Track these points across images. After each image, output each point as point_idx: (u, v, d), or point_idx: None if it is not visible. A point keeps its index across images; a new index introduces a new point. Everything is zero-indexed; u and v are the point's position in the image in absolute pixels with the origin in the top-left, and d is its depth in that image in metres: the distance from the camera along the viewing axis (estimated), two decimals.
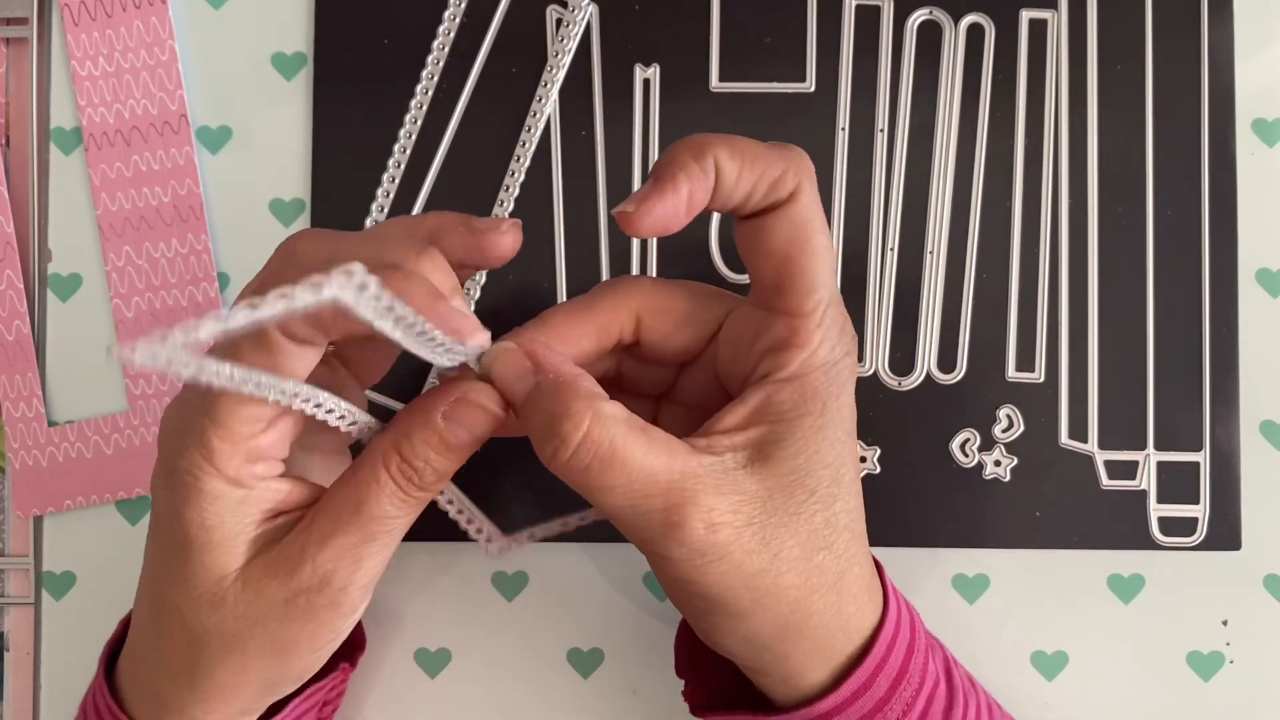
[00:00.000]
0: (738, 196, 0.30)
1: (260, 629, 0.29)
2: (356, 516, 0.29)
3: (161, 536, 0.30)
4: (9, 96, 0.43)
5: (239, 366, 0.25)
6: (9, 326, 0.42)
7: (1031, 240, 0.41)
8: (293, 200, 0.42)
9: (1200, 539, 0.41)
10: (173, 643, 0.30)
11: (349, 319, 0.25)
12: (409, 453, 0.29)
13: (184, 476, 0.28)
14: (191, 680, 0.30)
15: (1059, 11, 0.42)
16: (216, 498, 0.28)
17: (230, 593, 0.29)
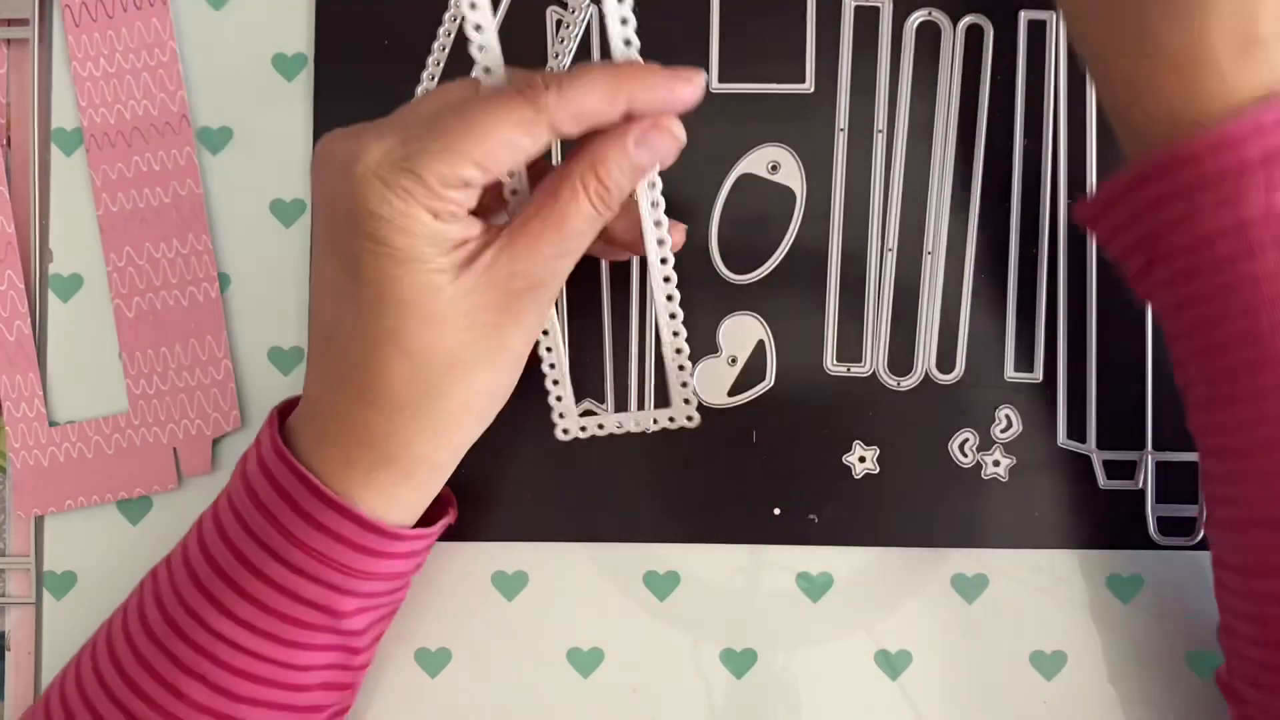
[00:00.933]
0: None
1: (481, 340, 0.33)
2: (558, 230, 0.32)
3: (364, 267, 0.31)
4: (10, 97, 0.43)
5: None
6: (10, 327, 0.42)
7: (1030, 240, 0.41)
8: (294, 200, 0.42)
9: (1199, 539, 0.41)
10: (390, 384, 0.32)
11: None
12: (604, 173, 0.32)
13: (391, 206, 0.31)
14: (419, 409, 0.33)
15: (1058, 12, 0.42)
16: (423, 227, 0.31)
17: (448, 309, 0.32)
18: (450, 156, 0.30)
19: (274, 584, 0.34)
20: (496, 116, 0.31)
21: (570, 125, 0.31)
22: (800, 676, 0.41)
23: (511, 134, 0.31)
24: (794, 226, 0.42)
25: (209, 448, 0.42)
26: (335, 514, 0.33)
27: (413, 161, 0.30)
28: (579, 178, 0.32)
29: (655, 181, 0.34)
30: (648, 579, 0.42)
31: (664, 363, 0.36)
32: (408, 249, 0.31)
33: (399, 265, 0.31)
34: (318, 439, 0.34)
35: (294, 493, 0.34)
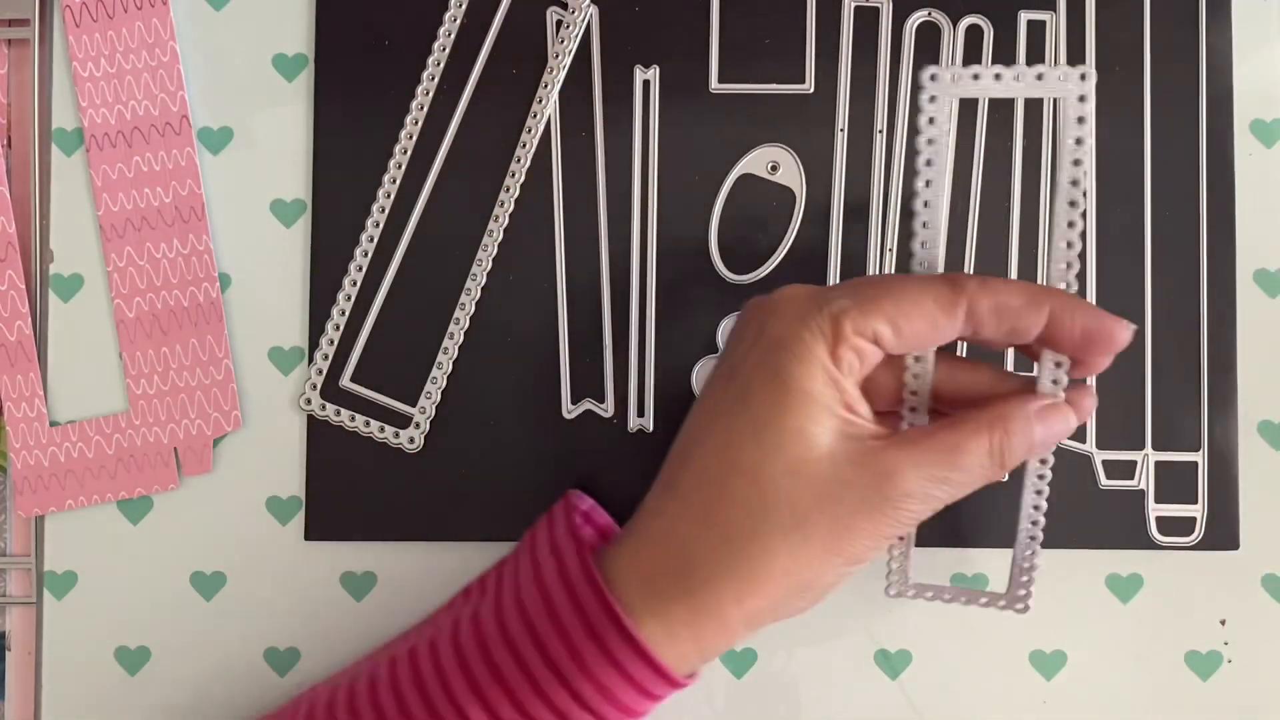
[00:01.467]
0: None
1: (830, 513, 0.31)
2: (949, 455, 0.32)
3: (752, 397, 0.32)
4: (11, 97, 0.43)
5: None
6: (10, 326, 0.42)
7: (1030, 241, 0.42)
8: (294, 201, 0.42)
9: (1198, 539, 0.41)
10: (734, 507, 0.32)
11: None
12: (1009, 428, 0.32)
13: (802, 339, 0.32)
14: (744, 550, 0.32)
15: (1057, 13, 0.42)
16: (821, 365, 0.32)
17: (814, 465, 0.31)
18: (866, 307, 0.32)
19: (553, 707, 0.33)
20: (918, 284, 0.32)
21: (988, 316, 0.32)
22: (800, 676, 0.41)
23: (928, 304, 0.32)
24: (794, 226, 0.42)
25: (209, 448, 0.42)
26: (636, 658, 0.32)
27: (832, 306, 0.32)
28: (985, 425, 0.32)
29: (1046, 458, 0.35)
30: None
31: (1014, 559, 0.37)
32: (802, 385, 0.31)
33: (788, 397, 0.31)
34: (633, 561, 0.33)
35: (597, 623, 0.32)
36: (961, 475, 0.32)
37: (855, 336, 0.32)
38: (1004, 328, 0.32)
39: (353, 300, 0.42)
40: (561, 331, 0.42)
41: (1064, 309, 0.32)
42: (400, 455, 0.41)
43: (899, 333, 0.32)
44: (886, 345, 0.32)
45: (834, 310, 0.32)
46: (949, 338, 0.32)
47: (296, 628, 0.41)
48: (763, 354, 0.32)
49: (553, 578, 0.34)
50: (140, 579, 0.42)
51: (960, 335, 0.33)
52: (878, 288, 0.32)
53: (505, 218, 0.42)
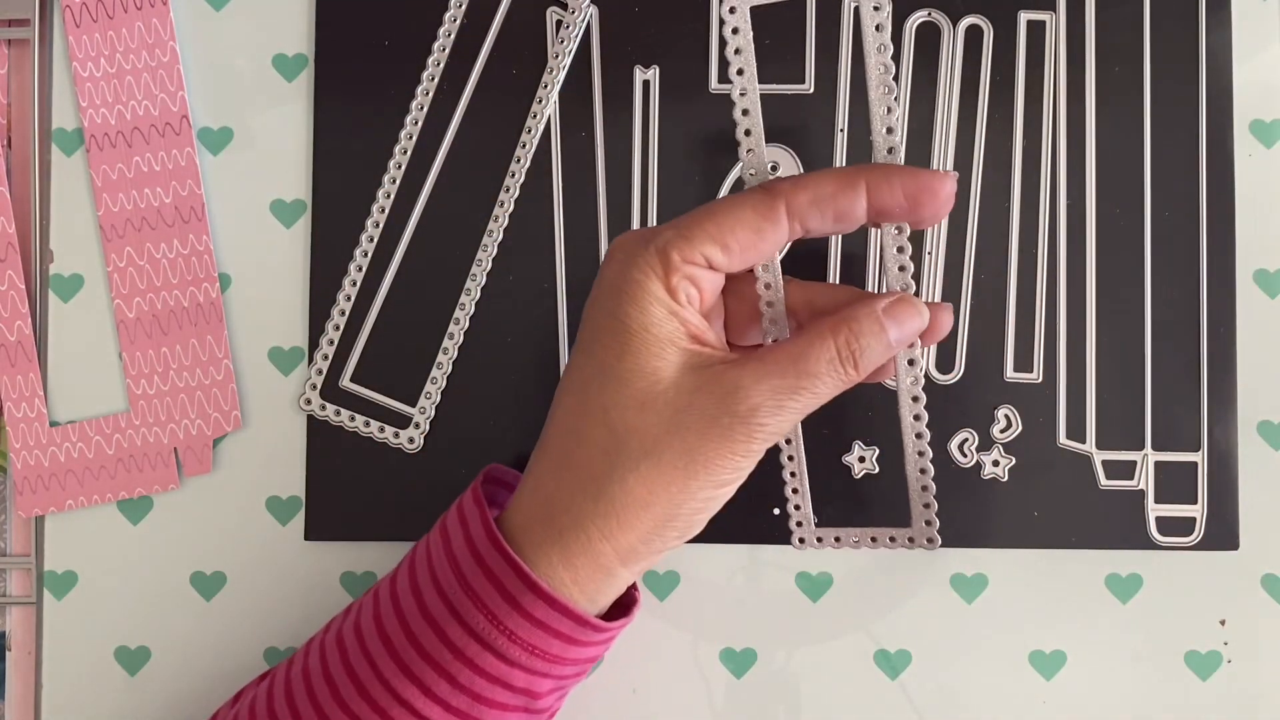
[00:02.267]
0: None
1: (679, 439, 0.32)
2: (794, 365, 0.32)
3: (596, 343, 0.33)
4: (11, 98, 0.43)
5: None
6: (11, 327, 0.42)
7: (1030, 241, 0.42)
8: (294, 201, 0.42)
9: (1198, 539, 0.41)
10: (588, 448, 0.32)
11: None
12: (855, 328, 0.33)
13: (632, 278, 0.32)
14: (600, 489, 0.32)
15: (1057, 13, 0.42)
16: (656, 300, 0.32)
17: (660, 397, 0.32)
18: (689, 233, 0.32)
19: (482, 671, 0.33)
20: (734, 201, 0.33)
21: (809, 210, 0.32)
22: (800, 676, 0.41)
23: (748, 215, 0.32)
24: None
25: (209, 448, 0.42)
26: (553, 610, 0.33)
27: (658, 240, 0.32)
28: (829, 327, 0.33)
29: (915, 358, 0.36)
30: (648, 579, 0.42)
31: (908, 484, 0.37)
32: (639, 323, 0.32)
33: (629, 337, 0.32)
34: (522, 515, 0.34)
35: (509, 585, 0.33)
36: (810, 382, 0.32)
37: (685, 265, 0.32)
38: (828, 217, 0.33)
39: (353, 300, 0.42)
40: (561, 332, 0.42)
41: (879, 180, 0.33)
42: (400, 455, 0.41)
43: (728, 250, 0.32)
44: (719, 265, 0.32)
45: (659, 244, 0.32)
46: (781, 242, 0.33)
47: (296, 628, 0.41)
48: (601, 300, 0.33)
49: (459, 543, 0.34)
50: (140, 579, 0.42)
51: (793, 236, 0.33)
52: (698, 213, 0.33)
53: (505, 218, 0.42)
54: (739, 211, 0.32)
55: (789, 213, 0.32)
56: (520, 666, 0.33)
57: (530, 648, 0.33)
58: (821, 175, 0.33)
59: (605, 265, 0.33)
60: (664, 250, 0.32)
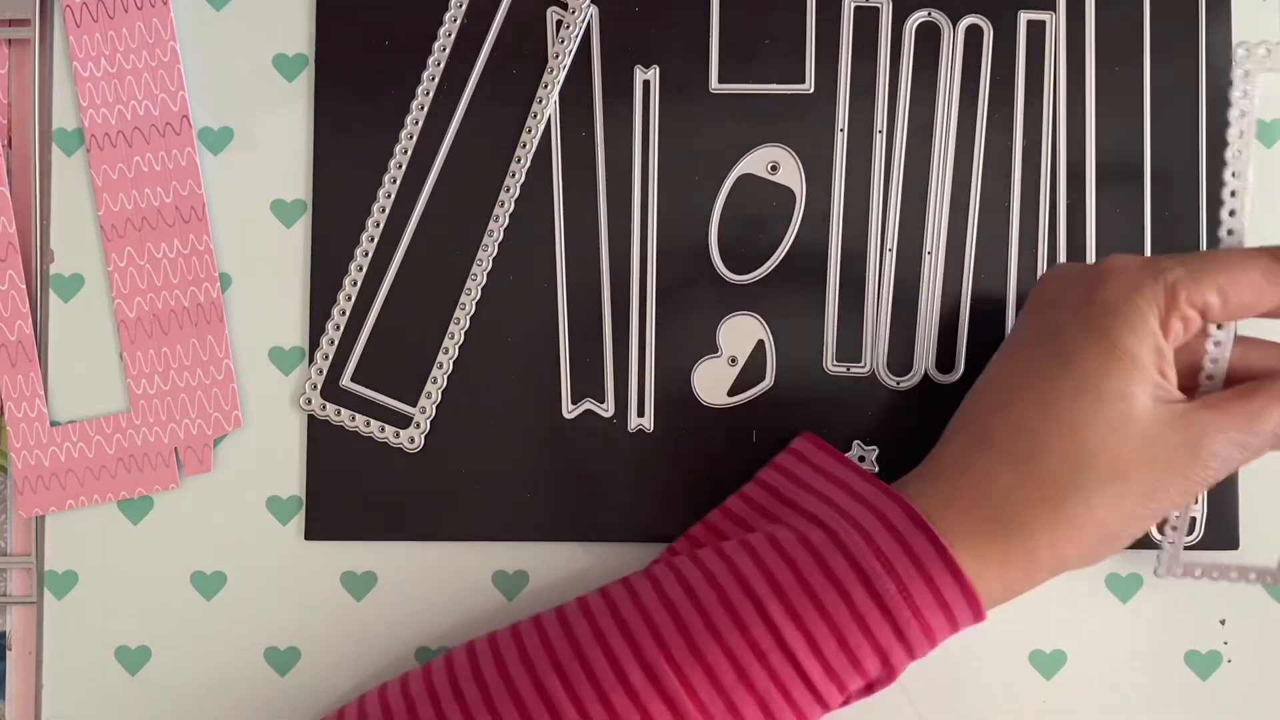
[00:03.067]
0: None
1: (1148, 469, 0.33)
2: (1251, 421, 0.33)
3: (1076, 355, 0.34)
4: (11, 97, 0.43)
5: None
6: (11, 326, 0.42)
7: (1030, 241, 0.42)
8: (294, 201, 0.42)
9: (1198, 538, 0.41)
10: (1053, 459, 0.33)
11: None
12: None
13: (1135, 305, 0.33)
14: (1062, 500, 0.33)
15: (1057, 13, 0.42)
16: (1151, 332, 0.33)
17: (1135, 424, 0.33)
18: (1199, 276, 0.33)
19: (873, 638, 0.33)
20: (1246, 257, 0.34)
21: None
22: None
23: (1255, 274, 0.33)
24: (794, 226, 0.42)
25: (209, 448, 0.42)
26: (964, 600, 0.33)
27: (1167, 275, 0.33)
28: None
29: None
30: None
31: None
32: (1133, 350, 0.33)
33: (1115, 361, 0.33)
34: (945, 500, 0.34)
35: (929, 564, 0.33)
36: (1258, 440, 0.34)
37: (1187, 306, 0.33)
38: None
39: (353, 300, 0.42)
40: (561, 332, 0.42)
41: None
42: (400, 455, 0.41)
43: (1226, 303, 0.33)
44: (1213, 315, 0.34)
45: (1170, 279, 0.33)
46: (1268, 308, 0.34)
47: (296, 628, 0.41)
48: (1091, 317, 0.34)
49: (867, 518, 0.34)
50: (140, 579, 0.42)
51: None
52: (1207, 259, 0.34)
53: (505, 218, 0.42)
54: (1248, 270, 0.33)
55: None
56: (906, 644, 0.33)
57: (927, 628, 0.33)
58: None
59: (1102, 283, 0.34)
60: (1173, 287, 0.33)
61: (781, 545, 0.35)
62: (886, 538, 0.34)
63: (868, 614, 0.33)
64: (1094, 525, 0.33)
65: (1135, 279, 0.34)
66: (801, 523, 0.36)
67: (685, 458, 0.41)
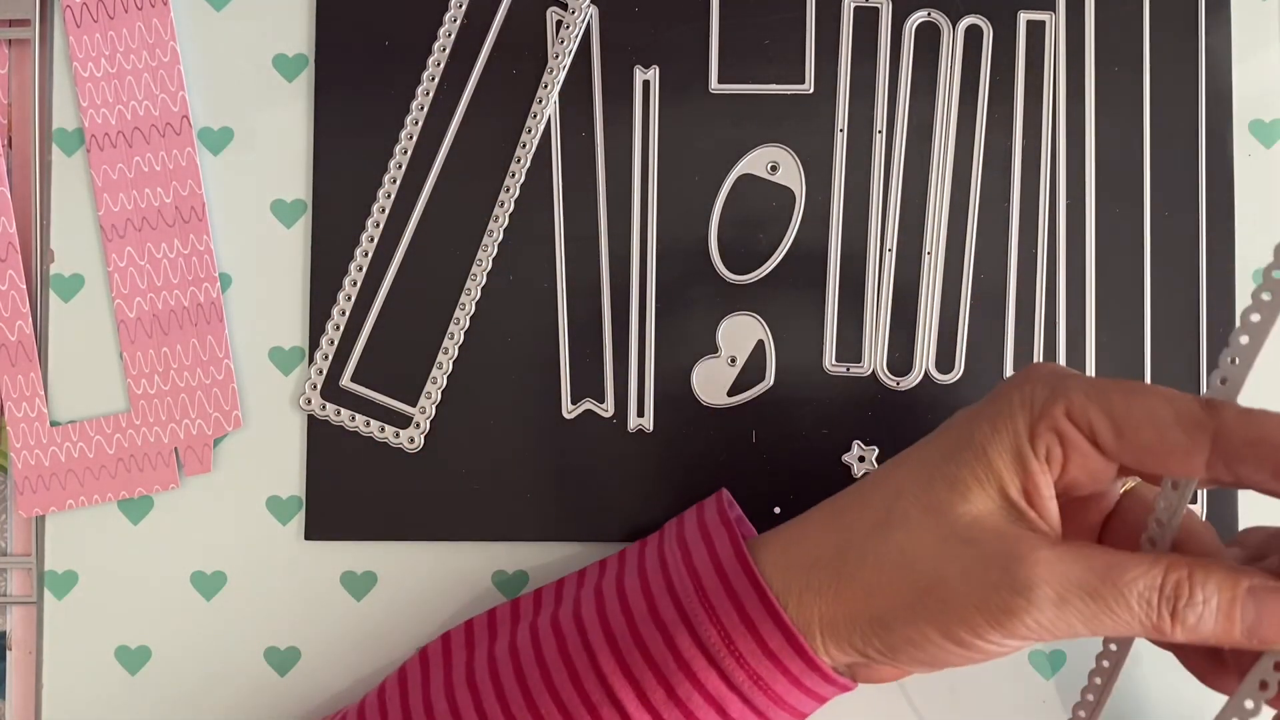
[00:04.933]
0: None
1: (943, 564, 0.29)
2: (1106, 571, 0.28)
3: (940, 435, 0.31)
4: (11, 98, 0.43)
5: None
6: (11, 326, 0.42)
7: (1029, 241, 0.42)
8: (294, 201, 0.42)
9: None
10: (862, 512, 0.31)
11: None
12: (1200, 578, 0.28)
13: (1007, 400, 0.30)
14: (862, 556, 0.31)
15: (1057, 13, 0.42)
16: (1013, 433, 0.29)
17: (956, 517, 0.29)
18: (1092, 394, 0.29)
19: (701, 688, 0.32)
20: (1166, 393, 0.29)
21: (1246, 450, 0.28)
22: None
23: (1165, 413, 0.28)
24: (794, 226, 0.42)
25: (210, 447, 0.42)
26: (788, 644, 0.32)
27: (1058, 384, 0.30)
28: (1173, 559, 0.28)
29: (1268, 682, 0.30)
30: None
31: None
32: (981, 441, 0.30)
33: (964, 448, 0.30)
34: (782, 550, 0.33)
35: (749, 607, 0.32)
36: (1108, 599, 0.28)
37: (1063, 419, 0.29)
38: (1267, 469, 0.27)
39: (353, 300, 0.42)
40: (561, 332, 0.42)
41: None
42: (400, 455, 0.41)
43: (1120, 435, 0.28)
44: (1103, 444, 0.29)
45: (1054, 386, 0.29)
46: (1187, 464, 0.28)
47: (296, 628, 0.41)
48: (975, 409, 0.31)
49: (701, 556, 0.33)
50: (140, 579, 0.42)
51: (1208, 471, 0.28)
52: (1116, 382, 0.29)
53: (505, 218, 0.42)
54: (1158, 407, 0.28)
55: (1216, 442, 0.28)
56: (740, 694, 0.32)
57: (755, 677, 0.32)
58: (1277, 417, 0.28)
59: (1004, 382, 0.31)
60: (1053, 394, 0.29)
61: (624, 592, 0.34)
62: (714, 581, 0.33)
63: (693, 661, 0.32)
64: (867, 585, 0.31)
65: (1024, 379, 0.30)
66: (653, 567, 0.35)
67: (685, 458, 0.41)
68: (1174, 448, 0.28)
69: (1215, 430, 0.28)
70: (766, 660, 0.32)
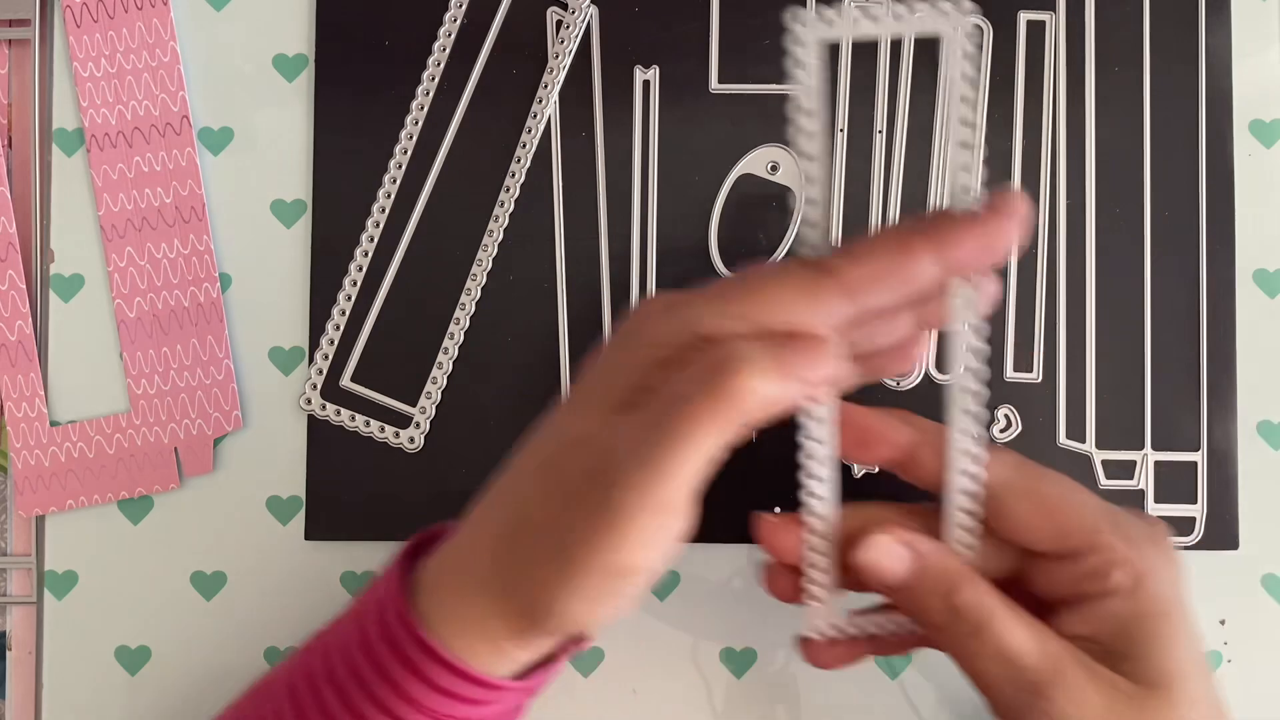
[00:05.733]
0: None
1: (565, 458, 0.30)
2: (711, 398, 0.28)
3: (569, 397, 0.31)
4: (11, 98, 0.43)
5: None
6: (11, 326, 0.42)
7: (1029, 241, 0.42)
8: (294, 201, 0.42)
9: (1198, 538, 0.41)
10: (517, 492, 0.31)
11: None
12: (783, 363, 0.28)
13: (621, 334, 0.30)
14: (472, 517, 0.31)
15: (1057, 13, 0.42)
16: (619, 365, 0.30)
17: (566, 429, 0.30)
18: (718, 304, 0.29)
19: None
20: (775, 275, 0.29)
21: (863, 282, 0.28)
22: (800, 676, 0.41)
23: (788, 293, 0.28)
24: (794, 226, 0.42)
25: (210, 447, 0.42)
26: (446, 671, 0.31)
27: (687, 299, 0.29)
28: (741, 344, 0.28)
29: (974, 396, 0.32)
30: None
31: (946, 517, 0.33)
32: (592, 373, 0.30)
33: (576, 389, 0.31)
34: (454, 591, 0.32)
35: (409, 649, 0.31)
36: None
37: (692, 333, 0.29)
38: (889, 289, 0.29)
39: (353, 300, 0.42)
40: (561, 331, 0.42)
41: (942, 233, 0.28)
42: (400, 455, 0.41)
43: (753, 324, 0.29)
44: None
45: (688, 302, 0.29)
46: (830, 322, 0.29)
47: (296, 628, 0.41)
48: (599, 352, 0.31)
49: (369, 613, 0.32)
50: (140, 579, 0.42)
51: (850, 319, 0.29)
52: (732, 285, 0.29)
53: (505, 218, 0.42)
54: (778, 289, 0.28)
55: (837, 286, 0.28)
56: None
57: (433, 714, 0.31)
58: (874, 244, 0.29)
59: (624, 322, 0.31)
60: (688, 302, 0.29)
61: (326, 641, 0.33)
62: (378, 635, 0.31)
63: (361, 704, 0.31)
64: (483, 514, 0.31)
65: (656, 309, 0.29)
66: (338, 630, 0.33)
67: None
68: (817, 315, 0.29)
69: (835, 283, 0.29)
70: (442, 698, 0.31)
